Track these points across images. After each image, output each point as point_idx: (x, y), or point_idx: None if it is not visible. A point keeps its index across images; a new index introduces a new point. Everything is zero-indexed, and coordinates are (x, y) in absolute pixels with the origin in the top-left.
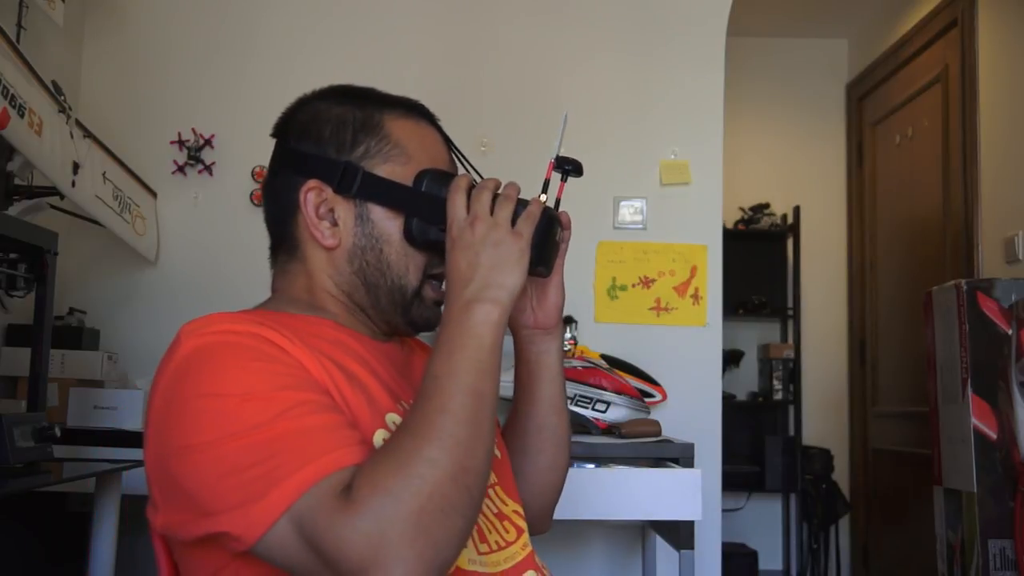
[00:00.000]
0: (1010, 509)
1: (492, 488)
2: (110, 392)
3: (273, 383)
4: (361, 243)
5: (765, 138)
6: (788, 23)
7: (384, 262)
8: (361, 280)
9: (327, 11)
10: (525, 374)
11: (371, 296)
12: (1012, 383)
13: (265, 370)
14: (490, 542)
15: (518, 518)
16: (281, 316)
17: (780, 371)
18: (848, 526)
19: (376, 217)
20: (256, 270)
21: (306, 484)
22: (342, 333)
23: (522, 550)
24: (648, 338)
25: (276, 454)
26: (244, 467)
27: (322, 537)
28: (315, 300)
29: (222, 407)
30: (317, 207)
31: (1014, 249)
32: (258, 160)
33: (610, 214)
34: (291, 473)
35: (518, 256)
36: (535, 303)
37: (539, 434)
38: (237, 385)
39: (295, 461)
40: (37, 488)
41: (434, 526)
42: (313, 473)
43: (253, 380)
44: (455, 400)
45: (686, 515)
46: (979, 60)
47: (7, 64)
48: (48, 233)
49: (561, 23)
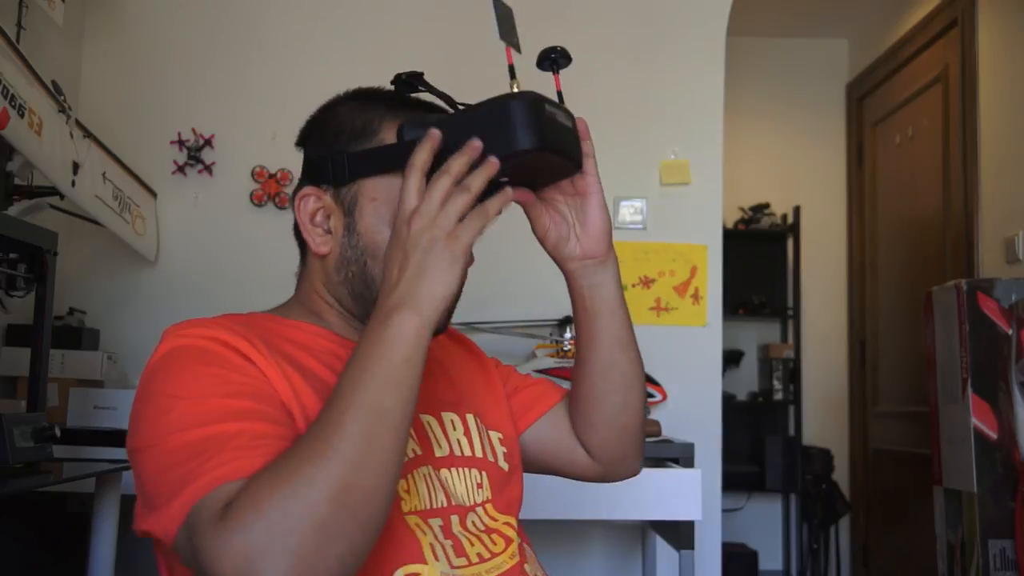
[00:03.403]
0: (1010, 509)
1: (482, 507)
2: (110, 392)
3: (221, 389)
4: (347, 254)
5: (765, 138)
6: (788, 23)
7: (368, 275)
8: (348, 290)
9: (327, 12)
10: (581, 312)
11: (359, 306)
12: (1012, 383)
13: (217, 375)
14: (470, 555)
15: (508, 529)
16: (271, 321)
17: (780, 371)
18: (848, 526)
19: (363, 228)
20: (256, 270)
21: (201, 492)
22: (334, 343)
23: (509, 560)
24: (648, 338)
25: (194, 456)
26: (171, 467)
27: (200, 548)
28: (314, 306)
29: (169, 407)
30: (313, 214)
31: (1014, 249)
32: (258, 160)
33: (610, 214)
34: (197, 478)
35: (448, 263)
36: (578, 230)
37: (605, 376)
38: (187, 388)
39: (203, 467)
40: (37, 488)
41: (307, 548)
42: (208, 483)
43: (202, 384)
44: (349, 415)
45: (686, 515)
46: (979, 60)
47: (7, 64)
48: (48, 233)
49: (561, 23)
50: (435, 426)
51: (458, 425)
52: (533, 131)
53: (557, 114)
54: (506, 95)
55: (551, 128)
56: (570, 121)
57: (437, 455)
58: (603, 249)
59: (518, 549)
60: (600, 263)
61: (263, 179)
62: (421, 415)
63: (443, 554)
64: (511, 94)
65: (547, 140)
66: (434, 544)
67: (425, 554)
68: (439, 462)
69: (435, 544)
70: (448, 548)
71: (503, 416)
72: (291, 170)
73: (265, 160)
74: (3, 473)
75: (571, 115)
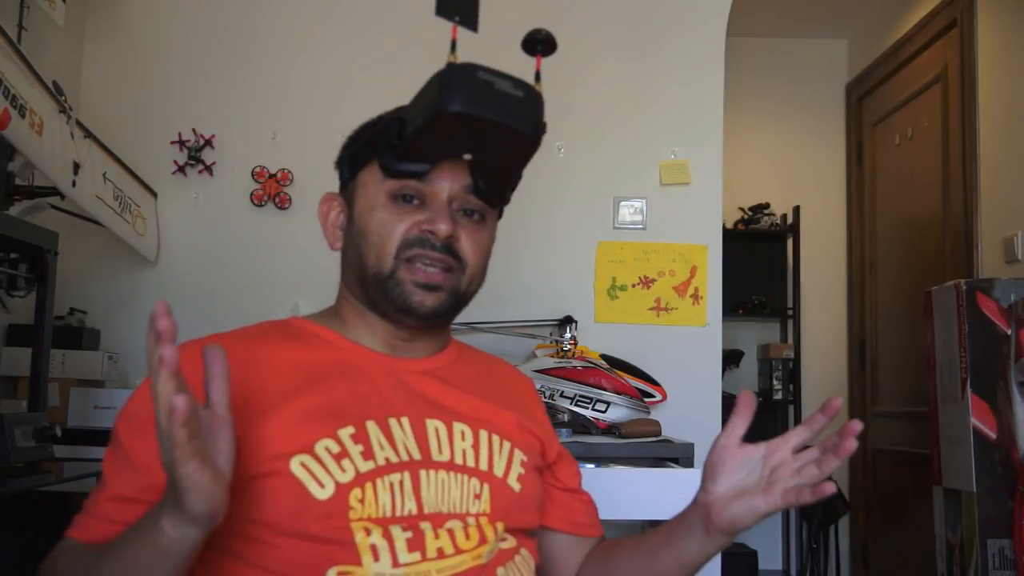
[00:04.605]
0: (1009, 509)
1: (474, 517)
2: (110, 392)
3: (118, 480)
4: (347, 242)
5: (765, 138)
6: (788, 23)
7: (362, 254)
8: (355, 277)
9: (327, 12)
10: (672, 548)
11: (365, 291)
12: (1011, 383)
13: (122, 464)
14: (428, 549)
15: (498, 528)
16: (293, 327)
17: (780, 371)
18: (848, 526)
19: (356, 214)
20: (256, 270)
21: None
22: (335, 352)
23: (471, 560)
24: (648, 338)
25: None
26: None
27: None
28: (340, 307)
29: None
30: (328, 215)
31: (1014, 249)
32: (258, 160)
33: (610, 214)
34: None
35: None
36: (759, 500)
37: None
38: (113, 453)
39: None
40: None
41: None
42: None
43: (112, 466)
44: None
45: None
46: (979, 60)
47: (8, 65)
48: (48, 233)
49: (561, 23)
50: (442, 432)
51: (468, 436)
52: (456, 95)
53: (497, 82)
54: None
55: (483, 93)
56: (520, 91)
57: (435, 459)
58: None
59: (495, 553)
60: (728, 537)
61: (263, 179)
62: (428, 420)
63: (387, 554)
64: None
65: (472, 103)
66: (377, 544)
67: (361, 555)
68: (436, 465)
69: (379, 544)
70: (400, 545)
71: (530, 448)
72: (291, 170)
73: (265, 160)
74: (4, 473)
75: (524, 85)
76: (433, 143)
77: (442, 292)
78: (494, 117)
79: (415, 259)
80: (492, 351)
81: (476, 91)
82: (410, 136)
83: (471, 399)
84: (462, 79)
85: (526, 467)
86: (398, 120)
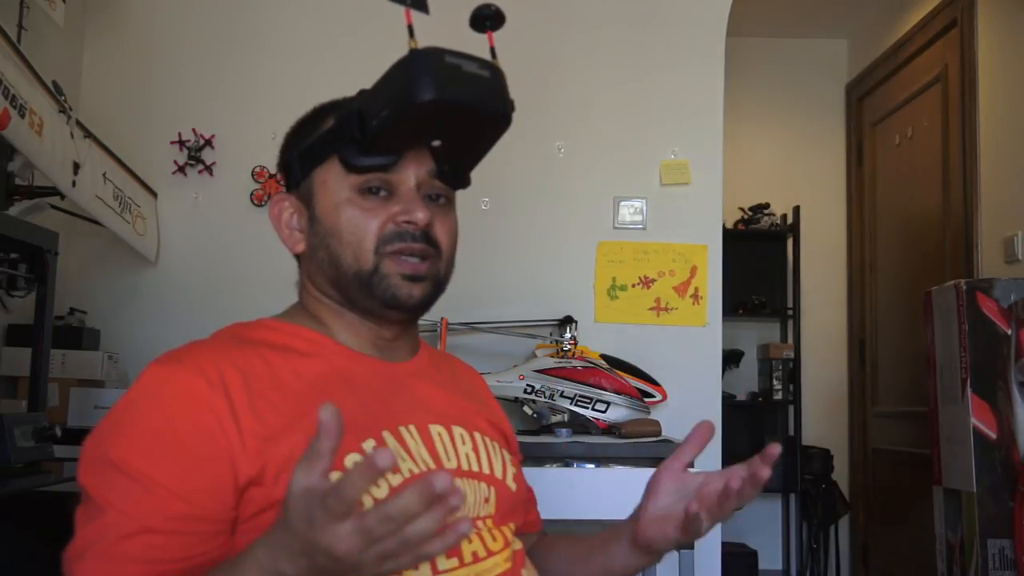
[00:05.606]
0: (1009, 509)
1: (482, 520)
2: (110, 392)
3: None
4: (314, 242)
5: (765, 138)
6: (788, 23)
7: (336, 254)
8: (328, 278)
9: (328, 12)
10: (605, 556)
11: (343, 291)
12: (1012, 383)
13: (150, 475)
14: (464, 554)
15: (507, 531)
16: (269, 330)
17: (780, 371)
18: (848, 526)
19: (320, 213)
20: (256, 270)
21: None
22: (331, 359)
23: (504, 563)
24: (648, 338)
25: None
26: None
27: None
28: (312, 308)
29: (112, 481)
30: (283, 217)
31: (1014, 249)
32: (258, 160)
33: (610, 214)
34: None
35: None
36: (680, 533)
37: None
38: (130, 467)
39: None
40: (38, 488)
41: None
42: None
43: (126, 487)
44: None
45: None
46: (978, 60)
47: (8, 65)
48: (48, 233)
49: (561, 23)
50: (445, 438)
51: (467, 440)
52: (427, 82)
53: (464, 64)
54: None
55: (453, 78)
56: (486, 71)
57: (446, 467)
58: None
59: (513, 555)
60: (649, 556)
61: (263, 179)
62: (431, 425)
63: (426, 563)
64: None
65: (445, 89)
66: None
67: None
68: (449, 472)
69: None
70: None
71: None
72: None
73: (265, 160)
74: (4, 473)
75: (488, 64)
76: (399, 133)
77: (426, 281)
78: (469, 102)
79: (398, 253)
80: (492, 351)
81: (446, 77)
82: (375, 129)
83: (456, 399)
84: (430, 65)
85: (515, 465)
86: (357, 113)
